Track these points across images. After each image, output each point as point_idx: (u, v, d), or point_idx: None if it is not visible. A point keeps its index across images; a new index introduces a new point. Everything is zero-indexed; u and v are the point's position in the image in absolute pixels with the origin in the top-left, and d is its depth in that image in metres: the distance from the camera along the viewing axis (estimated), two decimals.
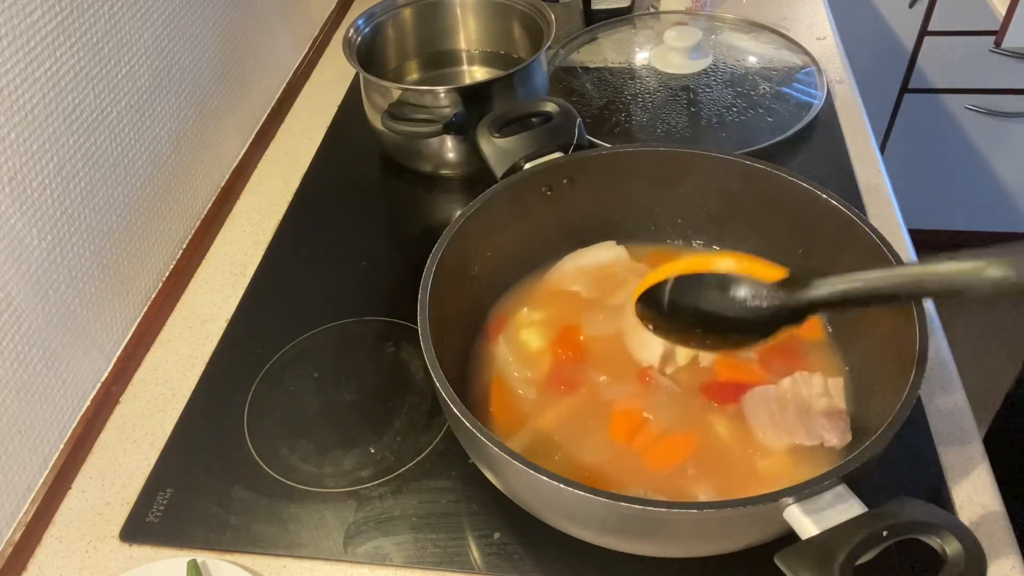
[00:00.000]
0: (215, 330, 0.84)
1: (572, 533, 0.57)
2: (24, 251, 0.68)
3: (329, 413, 0.75)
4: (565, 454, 0.63)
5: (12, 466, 0.67)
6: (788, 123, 0.99)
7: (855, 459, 0.49)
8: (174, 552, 0.66)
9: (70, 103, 0.72)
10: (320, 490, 0.69)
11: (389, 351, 0.80)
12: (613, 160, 0.74)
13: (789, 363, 0.68)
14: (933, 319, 0.78)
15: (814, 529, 0.46)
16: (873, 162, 0.96)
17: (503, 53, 1.11)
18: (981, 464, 0.66)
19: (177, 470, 0.72)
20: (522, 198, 0.73)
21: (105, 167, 0.77)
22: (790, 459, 0.62)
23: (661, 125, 1.02)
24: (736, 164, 0.71)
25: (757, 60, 1.12)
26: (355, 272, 0.89)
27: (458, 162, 0.97)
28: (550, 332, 0.72)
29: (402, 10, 1.06)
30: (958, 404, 0.71)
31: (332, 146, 1.08)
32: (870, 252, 0.63)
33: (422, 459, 0.70)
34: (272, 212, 0.98)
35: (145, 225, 0.84)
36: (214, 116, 0.97)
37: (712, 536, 0.53)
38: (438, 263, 0.64)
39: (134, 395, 0.79)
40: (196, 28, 0.92)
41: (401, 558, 0.64)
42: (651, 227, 0.79)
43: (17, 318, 0.67)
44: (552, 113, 0.77)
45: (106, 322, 0.79)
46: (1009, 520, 0.63)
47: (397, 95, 0.92)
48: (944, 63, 1.76)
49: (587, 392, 0.68)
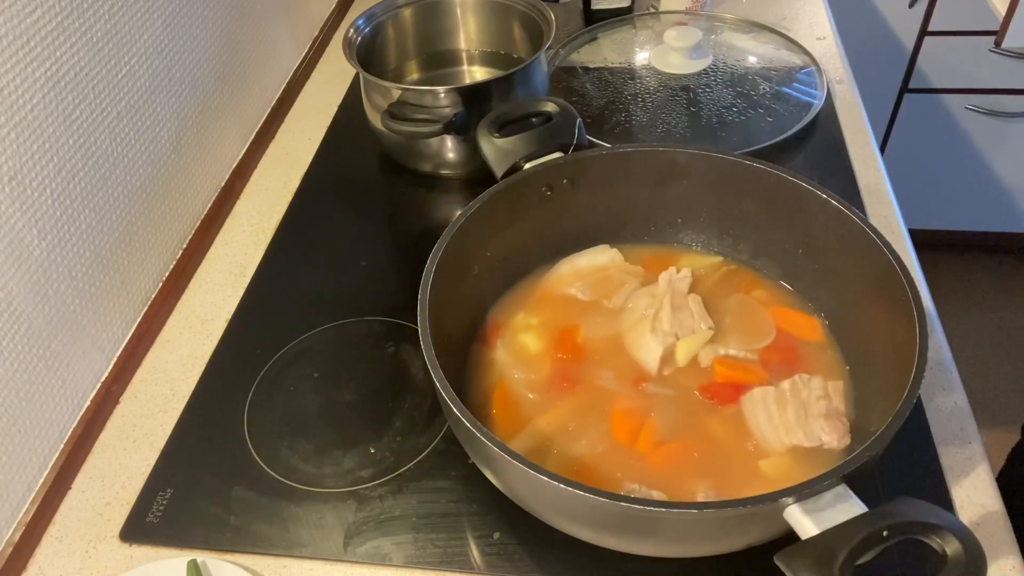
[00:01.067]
0: (215, 330, 0.84)
1: (572, 533, 0.57)
2: (24, 251, 0.68)
3: (329, 413, 0.75)
4: (565, 454, 0.63)
5: (12, 466, 0.67)
6: (788, 123, 0.99)
7: (855, 459, 0.49)
8: (174, 552, 0.66)
9: (70, 103, 0.72)
10: (320, 490, 0.69)
11: (389, 351, 0.80)
12: (613, 160, 0.74)
13: (789, 363, 0.68)
14: (933, 319, 0.77)
15: (814, 529, 0.46)
16: (873, 162, 0.96)
17: (503, 53, 1.11)
18: (981, 464, 0.66)
19: (177, 470, 0.72)
20: (522, 198, 0.73)
21: (105, 167, 0.77)
22: (790, 459, 0.62)
23: (661, 125, 1.02)
24: (736, 164, 0.71)
25: (757, 60, 1.12)
26: (355, 272, 0.89)
27: (458, 162, 0.97)
28: (549, 335, 0.72)
29: (402, 10, 1.06)
30: (958, 404, 0.71)
31: (332, 146, 1.08)
32: (870, 252, 0.63)
33: (422, 459, 0.70)
34: (272, 212, 0.98)
35: (145, 225, 0.84)
36: (214, 116, 0.97)
37: (712, 536, 0.53)
38: (438, 263, 0.64)
39: (134, 395, 0.79)
40: (196, 28, 0.92)
41: (401, 558, 0.64)
42: (651, 227, 0.79)
43: (17, 318, 0.67)
44: (552, 113, 0.77)
45: (106, 322, 0.79)
46: (1009, 520, 0.63)
47: (397, 95, 0.92)
48: (944, 63, 1.76)
49: (587, 393, 0.68)
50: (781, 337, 0.70)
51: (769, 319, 0.72)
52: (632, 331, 0.71)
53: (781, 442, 0.62)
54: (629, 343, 0.71)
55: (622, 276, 0.76)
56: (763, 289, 0.75)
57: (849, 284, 0.67)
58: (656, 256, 0.78)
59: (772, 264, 0.75)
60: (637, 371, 0.69)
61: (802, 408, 0.63)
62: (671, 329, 0.69)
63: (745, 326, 0.71)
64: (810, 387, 0.64)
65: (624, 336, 0.71)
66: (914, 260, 0.84)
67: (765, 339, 0.70)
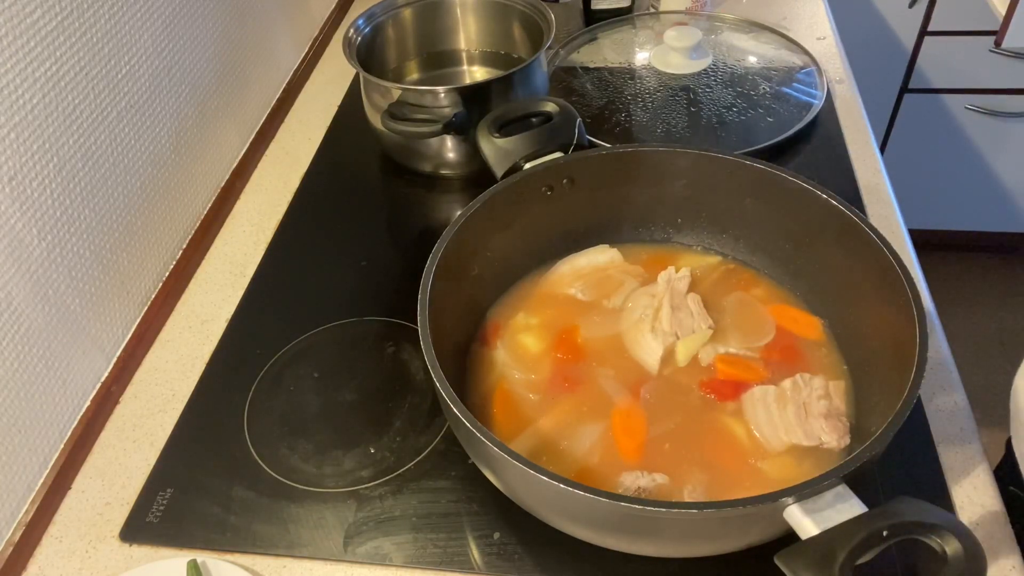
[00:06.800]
0: (215, 330, 0.84)
1: (572, 533, 0.57)
2: (24, 251, 0.68)
3: (329, 413, 0.75)
4: (566, 454, 0.63)
5: (12, 466, 0.67)
6: (788, 123, 0.99)
7: (855, 459, 0.49)
8: (174, 552, 0.66)
9: (70, 103, 0.72)
10: (320, 490, 0.69)
11: (389, 351, 0.80)
12: (613, 160, 0.74)
13: (790, 361, 0.68)
14: (933, 319, 0.77)
15: (814, 529, 0.46)
16: (873, 162, 0.96)
17: (503, 53, 1.11)
18: (981, 464, 0.66)
19: (177, 470, 0.72)
20: (522, 198, 0.73)
21: (105, 167, 0.77)
22: (791, 459, 0.62)
23: (661, 125, 1.02)
24: (736, 164, 0.71)
25: (757, 60, 1.12)
26: (355, 272, 0.89)
27: (458, 162, 0.97)
28: (549, 335, 0.72)
29: (402, 10, 1.06)
30: (958, 404, 0.71)
31: (332, 146, 1.08)
32: (870, 252, 0.63)
33: (422, 459, 0.70)
34: (272, 212, 0.98)
35: (145, 225, 0.84)
36: (214, 116, 0.97)
37: (712, 536, 0.53)
38: (438, 263, 0.63)
39: (134, 395, 0.79)
40: (196, 28, 0.92)
41: (401, 558, 0.64)
42: (651, 227, 0.79)
43: (17, 318, 0.67)
44: (552, 113, 0.77)
45: (106, 322, 0.79)
46: (1009, 520, 0.63)
47: (397, 95, 0.92)
48: (944, 63, 1.76)
49: (587, 393, 0.68)
50: (781, 335, 0.70)
51: (769, 317, 0.72)
52: (632, 331, 0.71)
53: (781, 441, 0.62)
54: (629, 343, 0.71)
55: (622, 276, 0.76)
56: (762, 288, 0.75)
57: (849, 284, 0.67)
58: (656, 256, 0.78)
59: (771, 264, 0.75)
60: (637, 371, 0.69)
61: (802, 407, 0.63)
62: (671, 329, 0.69)
63: (745, 324, 0.71)
64: (811, 386, 0.64)
65: (624, 336, 0.71)
66: (914, 260, 0.84)
67: (765, 337, 0.70)
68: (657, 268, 0.75)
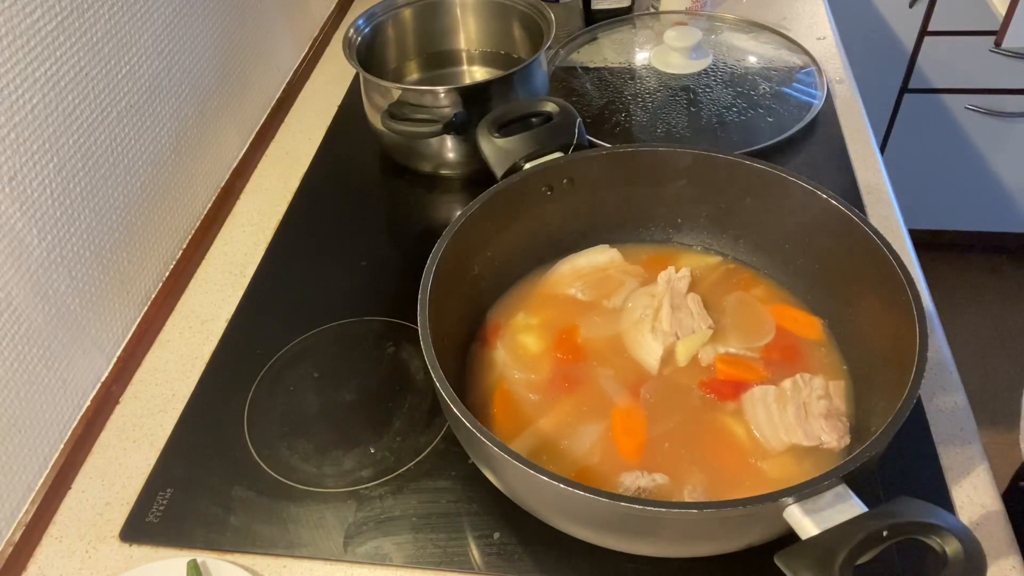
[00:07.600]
0: (215, 330, 0.84)
1: (572, 533, 0.57)
2: (24, 251, 0.68)
3: (329, 413, 0.75)
4: (566, 454, 0.63)
5: (12, 466, 0.67)
6: (788, 123, 0.99)
7: (855, 459, 0.49)
8: (174, 552, 0.66)
9: (70, 103, 0.72)
10: (320, 490, 0.69)
11: (389, 351, 0.80)
12: (613, 160, 0.74)
13: (790, 361, 0.68)
14: (933, 319, 0.77)
15: (814, 529, 0.46)
16: (873, 162, 0.96)
17: (503, 53, 1.11)
18: (981, 464, 0.67)
19: (177, 470, 0.72)
20: (522, 198, 0.73)
21: (105, 167, 0.77)
22: (791, 459, 0.62)
23: (661, 125, 1.02)
24: (736, 164, 0.71)
25: (757, 60, 1.12)
26: (355, 272, 0.89)
27: (458, 162, 0.97)
28: (549, 335, 0.72)
29: (402, 10, 1.06)
30: (958, 404, 0.71)
31: (332, 146, 1.08)
32: (870, 252, 0.63)
33: (422, 459, 0.70)
34: (272, 212, 0.98)
35: (145, 225, 0.84)
36: (214, 116, 0.97)
37: (712, 536, 0.53)
38: (438, 263, 0.64)
39: (134, 395, 0.79)
40: (196, 28, 0.92)
41: (401, 558, 0.64)
42: (651, 227, 0.79)
43: (17, 318, 0.67)
44: (552, 113, 0.77)
45: (106, 322, 0.79)
46: (1009, 520, 0.63)
47: (397, 95, 0.92)
48: (944, 63, 1.76)
49: (588, 393, 0.68)
50: (781, 335, 0.70)
51: (769, 317, 0.72)
52: (632, 331, 0.71)
53: (781, 441, 0.62)
54: (629, 343, 0.71)
55: (622, 276, 0.76)
56: (762, 288, 0.75)
57: (849, 284, 0.67)
58: (656, 256, 0.78)
59: (771, 264, 0.75)
60: (637, 371, 0.69)
61: (802, 407, 0.63)
62: (671, 329, 0.69)
63: (745, 324, 0.71)
64: (811, 386, 0.64)
65: (624, 336, 0.71)
66: (914, 260, 0.84)
67: (765, 337, 0.70)
68: (657, 268, 0.75)
